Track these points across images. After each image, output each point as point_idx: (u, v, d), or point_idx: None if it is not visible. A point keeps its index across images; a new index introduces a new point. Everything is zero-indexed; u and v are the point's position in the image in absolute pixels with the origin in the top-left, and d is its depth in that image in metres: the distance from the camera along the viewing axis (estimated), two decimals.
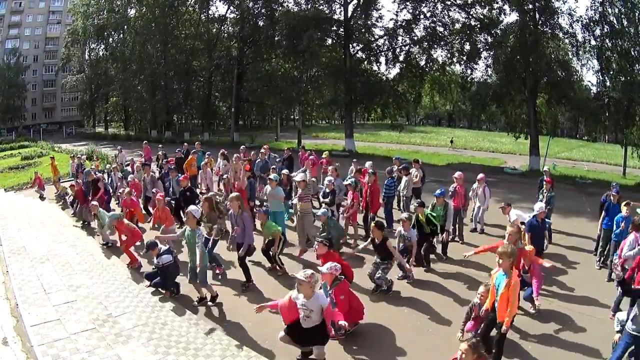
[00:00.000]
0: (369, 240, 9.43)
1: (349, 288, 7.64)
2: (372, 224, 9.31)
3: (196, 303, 8.75)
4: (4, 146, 44.22)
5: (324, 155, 18.08)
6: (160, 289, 9.35)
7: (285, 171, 15.27)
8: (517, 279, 6.27)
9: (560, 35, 28.17)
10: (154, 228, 12.41)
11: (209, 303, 8.72)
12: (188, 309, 8.57)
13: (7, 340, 6.43)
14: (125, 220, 12.10)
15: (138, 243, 11.75)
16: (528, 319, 8.17)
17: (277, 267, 10.39)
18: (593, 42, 26.70)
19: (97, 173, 17.17)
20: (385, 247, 8.94)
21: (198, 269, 8.35)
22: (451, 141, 48.44)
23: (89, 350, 6.59)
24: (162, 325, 7.79)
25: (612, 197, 11.20)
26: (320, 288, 7.40)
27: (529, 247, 8.48)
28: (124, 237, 11.55)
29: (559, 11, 27.40)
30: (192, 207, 8.63)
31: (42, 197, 20.10)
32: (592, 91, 30.97)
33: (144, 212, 14.84)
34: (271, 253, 10.13)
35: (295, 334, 6.64)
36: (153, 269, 9.68)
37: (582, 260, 11.32)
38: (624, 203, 10.17)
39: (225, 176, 15.63)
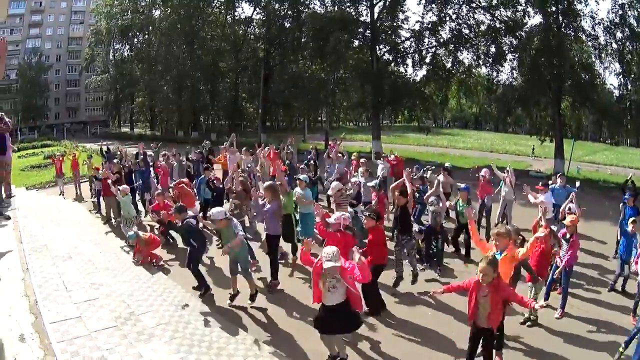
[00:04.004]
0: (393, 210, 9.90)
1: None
2: (396, 192, 9.80)
3: (250, 302, 9.11)
4: (25, 144, 44.66)
5: (353, 157, 18.51)
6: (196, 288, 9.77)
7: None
8: (515, 252, 6.69)
9: (583, 37, 29.02)
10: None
11: (248, 302, 9.08)
12: (212, 309, 8.93)
13: (25, 337, 6.29)
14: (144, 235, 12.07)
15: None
16: (551, 321, 8.65)
17: (293, 255, 10.87)
18: (614, 45, 27.74)
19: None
20: (405, 213, 9.44)
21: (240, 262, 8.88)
22: (533, 149, 46.67)
23: (109, 348, 6.66)
24: (185, 324, 8.02)
25: (626, 201, 12.19)
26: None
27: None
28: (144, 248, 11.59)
29: (581, 14, 28.26)
30: (213, 211, 8.92)
31: (62, 194, 20.65)
32: (614, 94, 31.70)
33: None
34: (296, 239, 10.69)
35: (320, 320, 6.69)
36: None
37: (604, 264, 11.89)
38: (630, 221, 10.43)
39: (250, 165, 16.81)
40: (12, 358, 5.59)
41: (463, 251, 12.09)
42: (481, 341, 6.22)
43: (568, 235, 8.75)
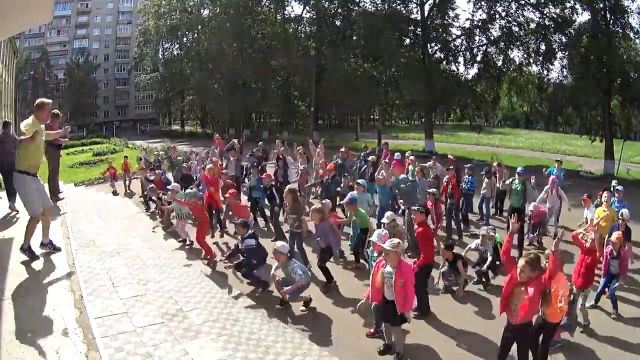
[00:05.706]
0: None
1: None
2: (442, 246, 10.33)
3: (304, 308, 9.35)
4: (74, 142, 45.21)
5: (406, 155, 18.88)
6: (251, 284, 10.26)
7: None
8: (542, 284, 6.42)
9: (631, 35, 30.17)
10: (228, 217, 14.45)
11: (302, 308, 9.34)
12: (261, 307, 9.21)
13: (68, 331, 6.45)
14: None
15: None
16: (597, 324, 8.86)
17: (364, 262, 11.16)
18: None
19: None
20: (456, 267, 10.07)
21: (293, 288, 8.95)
22: None
23: (155, 344, 6.85)
24: (233, 321, 8.24)
25: None
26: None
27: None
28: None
29: (629, 10, 29.51)
30: (278, 244, 9.12)
31: (115, 193, 20.96)
32: None
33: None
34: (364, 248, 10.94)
35: (379, 309, 7.61)
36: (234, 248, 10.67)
37: None
38: None
39: (303, 167, 17.35)
40: (55, 352, 5.83)
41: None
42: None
43: (615, 253, 9.12)
